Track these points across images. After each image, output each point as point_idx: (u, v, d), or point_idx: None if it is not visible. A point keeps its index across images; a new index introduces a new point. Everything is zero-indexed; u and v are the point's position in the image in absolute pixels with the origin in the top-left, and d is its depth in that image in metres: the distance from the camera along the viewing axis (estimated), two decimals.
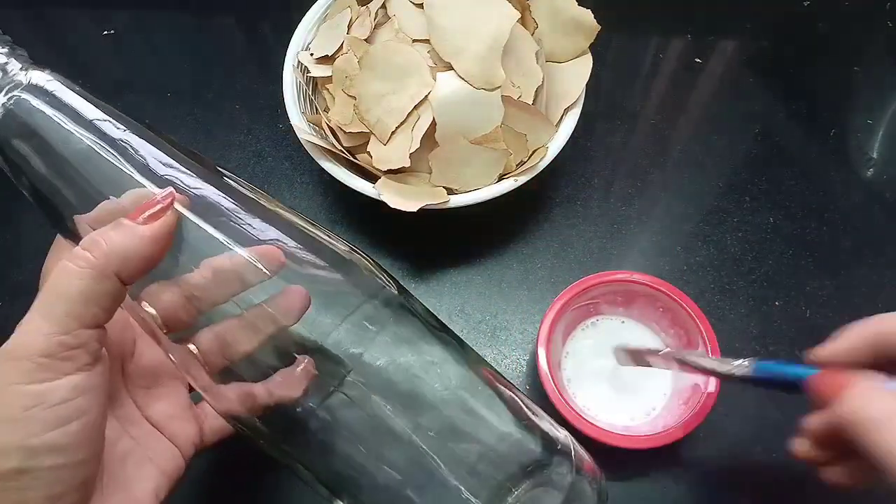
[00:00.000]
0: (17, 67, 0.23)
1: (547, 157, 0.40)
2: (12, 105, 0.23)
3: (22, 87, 0.23)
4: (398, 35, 0.40)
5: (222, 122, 0.51)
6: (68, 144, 0.23)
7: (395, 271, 0.44)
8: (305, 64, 0.43)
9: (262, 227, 0.25)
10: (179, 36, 0.57)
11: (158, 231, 0.22)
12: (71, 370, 0.21)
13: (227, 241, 0.23)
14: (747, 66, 0.53)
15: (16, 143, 0.23)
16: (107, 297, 0.22)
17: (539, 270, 0.45)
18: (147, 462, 0.26)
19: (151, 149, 0.24)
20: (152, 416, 0.28)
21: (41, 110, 0.23)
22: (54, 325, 0.21)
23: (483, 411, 0.26)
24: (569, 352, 0.40)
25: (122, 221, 0.22)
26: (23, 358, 0.21)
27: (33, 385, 0.21)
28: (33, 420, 0.21)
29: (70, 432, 0.21)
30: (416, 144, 0.38)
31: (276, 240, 0.24)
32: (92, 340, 0.22)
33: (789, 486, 0.37)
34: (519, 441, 0.26)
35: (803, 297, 0.43)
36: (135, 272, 0.22)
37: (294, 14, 0.45)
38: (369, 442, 0.24)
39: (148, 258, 0.22)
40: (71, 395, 0.21)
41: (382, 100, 0.39)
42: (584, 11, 0.42)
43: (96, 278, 0.21)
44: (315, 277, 0.25)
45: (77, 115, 0.23)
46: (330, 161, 0.41)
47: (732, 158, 0.49)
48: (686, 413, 0.35)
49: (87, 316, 0.22)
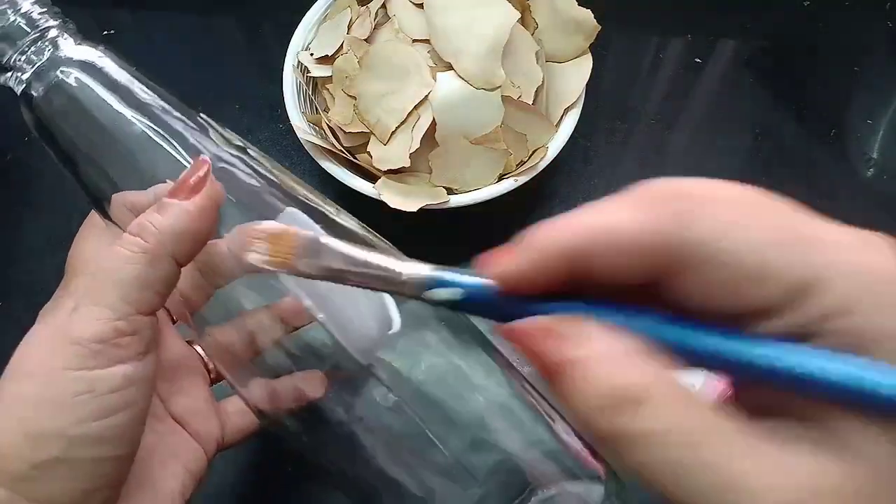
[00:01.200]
0: (68, 42, 0.23)
1: (547, 157, 0.40)
2: (60, 80, 0.22)
3: (72, 62, 0.23)
4: (398, 35, 0.40)
5: (222, 122, 0.51)
6: (115, 123, 0.23)
7: None
8: (305, 64, 0.43)
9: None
10: (179, 36, 0.57)
11: (203, 203, 0.22)
12: (123, 358, 0.21)
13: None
14: (747, 66, 0.53)
15: (61, 119, 0.23)
16: (162, 281, 0.21)
17: None
18: (172, 459, 0.25)
19: (199, 136, 0.24)
20: (176, 410, 0.27)
21: (89, 86, 0.23)
22: (109, 310, 0.20)
23: (513, 418, 0.25)
24: None
25: (165, 201, 0.22)
26: (76, 342, 0.20)
27: (84, 371, 0.20)
28: (81, 407, 0.20)
29: (115, 424, 0.20)
30: (416, 144, 0.38)
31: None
32: (146, 328, 0.21)
33: None
34: (545, 453, 0.25)
35: None
36: (189, 251, 0.22)
37: (294, 14, 0.45)
38: (400, 448, 0.24)
39: (199, 234, 0.22)
40: (121, 384, 0.20)
41: (382, 100, 0.39)
42: (584, 11, 0.42)
43: (151, 262, 0.21)
44: None
45: (127, 94, 0.23)
46: (330, 161, 0.41)
47: (732, 158, 0.49)
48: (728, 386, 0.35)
49: (143, 301, 0.21)
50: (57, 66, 0.23)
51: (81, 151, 0.23)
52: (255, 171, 0.24)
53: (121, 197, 0.23)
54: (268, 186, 0.24)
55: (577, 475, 0.25)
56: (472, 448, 0.24)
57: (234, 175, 0.24)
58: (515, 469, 0.24)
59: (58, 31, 0.23)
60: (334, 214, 0.26)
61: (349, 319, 0.24)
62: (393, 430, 0.24)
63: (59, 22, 0.23)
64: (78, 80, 0.23)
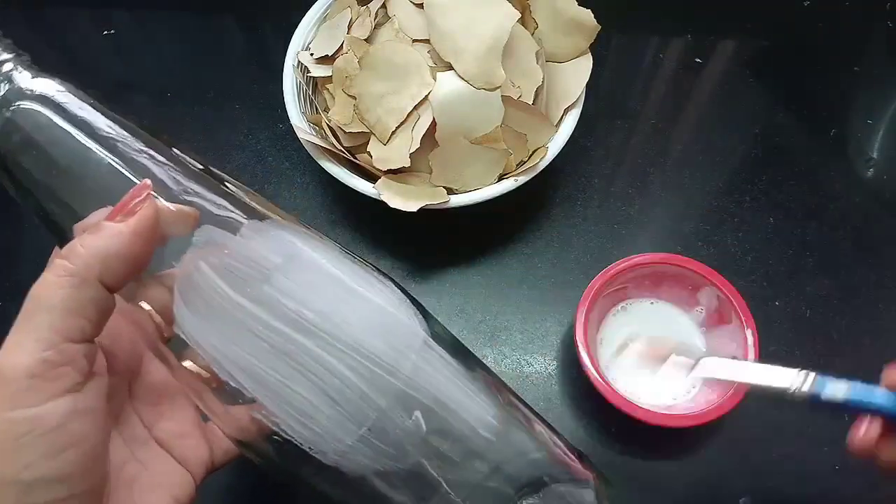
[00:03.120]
0: (24, 75, 0.22)
1: (547, 157, 0.40)
2: (16, 114, 0.22)
3: (29, 95, 0.22)
4: (398, 35, 0.40)
5: (222, 122, 0.51)
6: (76, 157, 0.22)
7: (396, 271, 0.44)
8: (305, 64, 0.43)
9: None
10: (179, 36, 0.57)
11: (138, 226, 0.21)
12: (60, 391, 0.19)
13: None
14: (747, 66, 0.53)
15: (17, 154, 0.22)
16: (91, 306, 0.20)
17: (539, 270, 0.45)
18: (156, 488, 0.24)
19: (166, 164, 0.23)
20: (160, 435, 0.26)
21: (48, 120, 0.22)
22: (37, 341, 0.19)
23: (508, 434, 0.25)
24: (602, 338, 0.40)
25: (99, 224, 0.21)
26: (8, 380, 0.19)
27: (21, 410, 0.19)
28: (26, 450, 0.19)
29: (68, 461, 0.19)
30: (417, 144, 0.38)
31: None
32: (80, 356, 0.20)
33: (841, 455, 0.37)
34: (535, 458, 0.25)
35: (803, 297, 0.43)
36: (121, 274, 0.21)
37: (294, 14, 0.45)
38: (383, 482, 0.23)
39: (132, 258, 0.21)
40: (65, 419, 0.19)
41: (382, 100, 0.39)
42: (584, 11, 0.42)
43: (77, 286, 0.20)
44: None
45: (87, 126, 0.22)
46: (330, 161, 0.41)
47: (732, 158, 0.49)
48: (727, 387, 0.35)
49: (72, 329, 0.20)
50: (13, 101, 0.22)
51: (42, 187, 0.22)
52: (221, 198, 0.23)
53: (80, 226, 0.22)
54: (233, 213, 0.23)
55: (568, 481, 0.25)
56: (463, 463, 0.24)
57: (198, 204, 0.23)
58: (510, 475, 0.24)
59: (12, 65, 0.22)
60: (318, 239, 0.25)
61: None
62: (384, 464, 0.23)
63: (12, 55, 0.22)
64: (36, 114, 0.22)
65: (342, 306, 0.22)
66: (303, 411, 0.21)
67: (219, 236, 0.22)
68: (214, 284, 0.21)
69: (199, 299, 0.22)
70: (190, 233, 0.22)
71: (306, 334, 0.21)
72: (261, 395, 0.22)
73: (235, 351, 0.21)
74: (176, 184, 0.23)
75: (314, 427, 0.22)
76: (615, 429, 0.39)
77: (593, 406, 0.40)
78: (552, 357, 0.42)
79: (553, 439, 0.27)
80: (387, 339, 0.22)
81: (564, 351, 0.42)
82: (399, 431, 0.22)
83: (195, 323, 0.22)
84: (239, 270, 0.22)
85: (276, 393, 0.21)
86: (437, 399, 0.23)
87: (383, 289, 0.24)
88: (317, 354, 0.21)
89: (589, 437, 0.39)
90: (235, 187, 0.25)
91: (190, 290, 0.22)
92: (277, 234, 0.24)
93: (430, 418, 0.23)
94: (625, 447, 0.39)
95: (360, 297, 0.23)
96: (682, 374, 0.39)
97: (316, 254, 0.24)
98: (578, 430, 0.39)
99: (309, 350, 0.21)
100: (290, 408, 0.21)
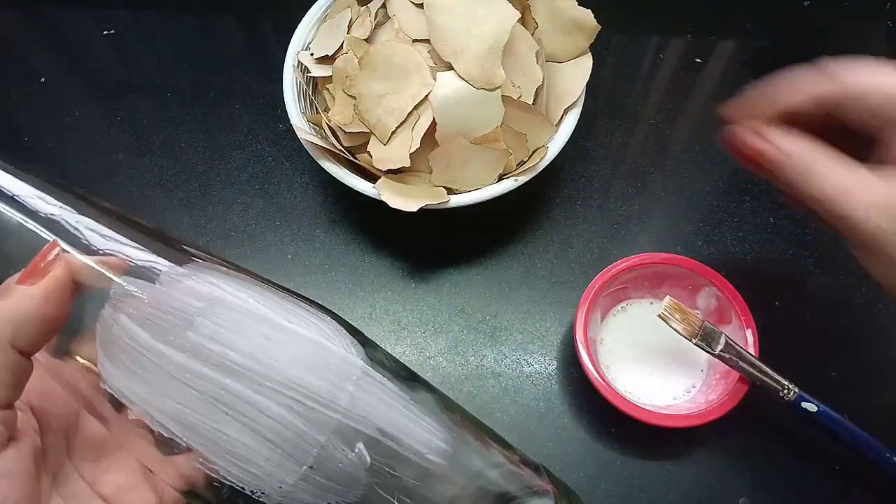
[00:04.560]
0: None
1: (547, 157, 0.40)
2: None
3: None
4: (398, 35, 0.40)
5: (222, 122, 0.51)
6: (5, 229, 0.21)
7: (396, 271, 0.45)
8: (305, 64, 0.43)
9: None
10: (179, 36, 0.57)
11: (48, 288, 0.20)
12: None
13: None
14: (747, 66, 0.53)
15: None
16: (5, 371, 0.20)
17: (539, 270, 0.45)
18: None
19: (80, 217, 0.22)
20: (105, 490, 0.24)
21: None
22: None
23: (460, 455, 0.25)
24: (603, 338, 0.40)
25: (9, 287, 0.20)
26: None
27: None
28: None
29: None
30: (417, 144, 0.38)
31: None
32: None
33: (840, 455, 0.37)
34: (495, 478, 0.25)
35: (803, 296, 0.43)
36: (35, 337, 0.20)
37: (294, 14, 0.45)
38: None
39: (44, 321, 0.20)
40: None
41: (382, 100, 0.39)
42: (585, 11, 0.42)
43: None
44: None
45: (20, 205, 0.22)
46: (330, 161, 0.41)
47: (732, 158, 0.49)
48: (727, 386, 0.36)
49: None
50: None
51: None
52: (139, 246, 0.23)
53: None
54: (158, 265, 0.23)
55: (527, 496, 0.25)
56: (427, 485, 0.23)
57: (114, 255, 0.22)
58: (466, 497, 0.24)
59: None
60: (243, 279, 0.24)
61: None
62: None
63: None
64: None
65: (270, 344, 0.22)
66: (240, 455, 0.21)
67: (137, 286, 0.22)
68: (135, 336, 0.21)
69: (121, 353, 0.21)
70: (108, 285, 0.22)
71: (235, 377, 0.21)
72: (195, 442, 0.21)
73: (164, 401, 0.21)
74: (91, 235, 0.22)
75: (253, 470, 0.21)
76: (615, 429, 0.39)
77: (593, 406, 0.40)
78: (552, 357, 0.42)
79: (508, 455, 0.26)
80: (320, 372, 0.22)
81: (564, 351, 0.42)
82: (342, 465, 0.22)
83: (120, 377, 0.21)
84: (160, 319, 0.21)
85: (210, 440, 0.21)
86: (379, 428, 0.22)
87: (316, 321, 0.24)
88: (248, 396, 0.21)
89: (589, 437, 0.39)
90: (151, 227, 0.24)
91: (111, 344, 0.21)
92: (198, 276, 0.23)
93: (374, 448, 0.22)
94: (625, 447, 0.39)
95: (289, 333, 0.23)
96: (681, 373, 0.39)
97: (241, 293, 0.23)
98: (578, 431, 0.39)
99: (239, 392, 0.21)
100: (227, 453, 0.21)
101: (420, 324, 0.43)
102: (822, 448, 0.38)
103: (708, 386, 0.38)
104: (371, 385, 0.23)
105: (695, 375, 0.39)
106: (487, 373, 0.41)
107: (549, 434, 0.39)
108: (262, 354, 0.21)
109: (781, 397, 0.35)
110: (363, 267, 0.45)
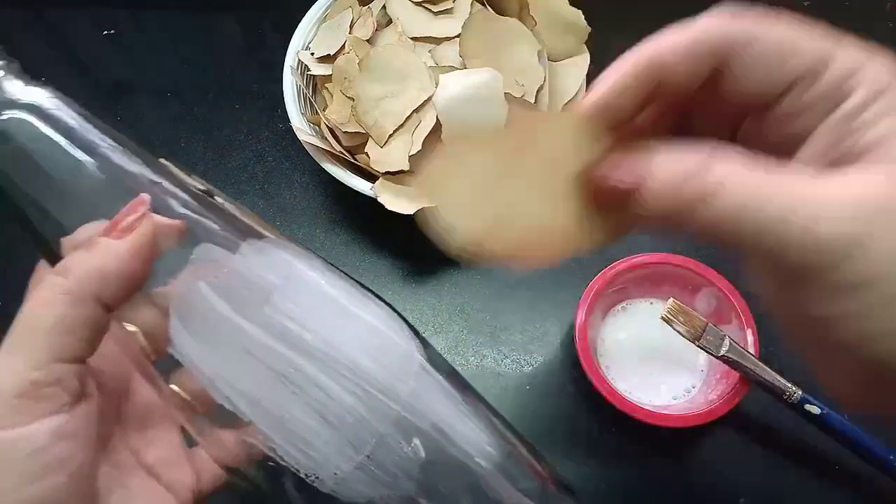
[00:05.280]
0: (14, 83, 0.22)
1: None
2: (5, 123, 0.21)
3: (18, 104, 0.21)
4: (401, 38, 0.39)
5: (222, 122, 0.51)
6: (66, 168, 0.21)
7: (396, 271, 0.44)
8: (306, 62, 0.43)
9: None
10: (179, 36, 0.57)
11: (135, 244, 0.20)
12: (47, 412, 0.19)
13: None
14: None
15: (7, 164, 0.21)
16: (85, 325, 0.19)
17: (539, 270, 0.44)
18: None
19: (161, 178, 0.22)
20: (147, 461, 0.24)
21: (38, 130, 0.21)
22: (25, 360, 0.18)
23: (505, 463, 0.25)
24: (603, 339, 0.40)
25: (95, 240, 0.20)
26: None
27: (4, 431, 0.18)
28: (8, 473, 0.18)
29: (53, 486, 0.18)
30: (418, 147, 0.38)
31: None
32: (70, 376, 0.19)
33: (840, 456, 0.37)
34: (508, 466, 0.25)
35: None
36: (119, 293, 0.20)
37: (294, 14, 0.45)
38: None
39: (129, 276, 0.20)
40: (50, 440, 0.18)
41: (380, 103, 0.39)
42: (575, 12, 0.42)
43: (71, 305, 0.19)
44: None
45: (78, 137, 0.22)
46: (330, 161, 0.41)
47: None
48: (727, 386, 0.36)
49: (63, 348, 0.19)
50: (1, 111, 0.21)
51: (30, 199, 0.22)
52: (218, 217, 0.23)
53: (70, 242, 0.22)
54: (231, 232, 0.23)
55: (534, 488, 0.25)
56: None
57: (195, 221, 0.22)
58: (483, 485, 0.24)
59: (3, 72, 0.22)
60: (315, 259, 0.24)
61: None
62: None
63: (3, 62, 0.22)
64: (26, 124, 0.21)
65: (340, 329, 0.22)
66: (301, 437, 0.21)
67: (218, 255, 0.22)
68: (214, 305, 0.21)
69: (197, 320, 0.21)
70: (185, 248, 0.22)
71: (307, 357, 0.21)
72: (259, 419, 0.21)
73: (234, 373, 0.21)
74: (171, 199, 0.22)
75: (312, 453, 0.21)
76: (615, 429, 0.39)
77: (593, 406, 0.39)
78: (552, 357, 0.42)
79: (540, 471, 0.27)
80: (384, 362, 0.22)
81: (564, 351, 0.42)
82: (397, 458, 0.21)
83: (193, 344, 0.21)
84: (238, 291, 0.21)
85: (274, 417, 0.21)
86: (435, 425, 0.22)
87: (380, 311, 0.24)
88: (317, 378, 0.21)
89: (589, 437, 0.39)
90: (231, 205, 0.24)
91: (188, 310, 0.21)
92: (276, 253, 0.23)
93: (428, 445, 0.22)
94: (625, 447, 0.39)
95: (357, 320, 0.23)
96: (681, 373, 0.39)
97: (314, 274, 0.23)
98: (579, 430, 0.39)
99: (309, 373, 0.21)
100: (289, 433, 0.21)
101: (420, 324, 0.43)
102: (822, 448, 0.38)
103: (708, 386, 0.38)
104: (429, 381, 0.23)
105: (695, 375, 0.39)
106: (487, 373, 0.41)
107: (549, 434, 0.39)
108: (334, 338, 0.21)
109: (786, 399, 0.35)
110: (363, 267, 0.45)
